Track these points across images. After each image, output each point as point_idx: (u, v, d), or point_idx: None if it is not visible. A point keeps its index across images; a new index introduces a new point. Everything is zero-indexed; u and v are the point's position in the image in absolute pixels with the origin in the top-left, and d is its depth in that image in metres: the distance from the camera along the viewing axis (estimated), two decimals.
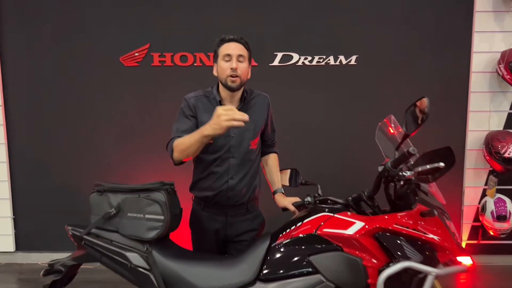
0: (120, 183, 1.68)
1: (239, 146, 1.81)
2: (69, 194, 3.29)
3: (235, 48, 1.74)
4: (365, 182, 3.08)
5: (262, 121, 1.89)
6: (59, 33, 3.17)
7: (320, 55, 3.18)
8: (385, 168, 1.48)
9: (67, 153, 3.29)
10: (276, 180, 1.99)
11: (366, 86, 3.22)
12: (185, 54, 3.17)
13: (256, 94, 1.92)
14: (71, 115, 3.25)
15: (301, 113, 3.23)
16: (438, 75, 3.21)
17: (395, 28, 3.17)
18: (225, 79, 1.73)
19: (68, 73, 3.21)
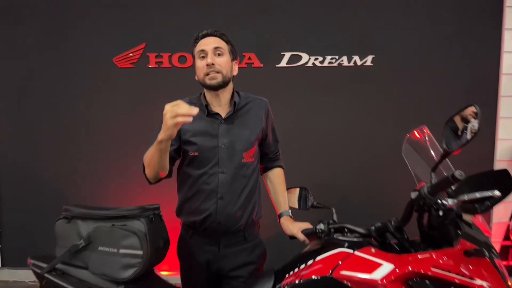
0: (94, 207, 1.41)
1: (229, 159, 1.53)
2: (59, 206, 3.02)
3: (210, 42, 1.52)
4: (386, 201, 2.77)
5: (258, 130, 1.61)
6: (47, 32, 2.91)
7: (332, 55, 2.87)
8: (420, 195, 1.17)
9: (56, 162, 3.03)
10: (282, 200, 1.68)
11: (383, 90, 2.91)
12: (184, 54, 2.89)
13: (251, 98, 1.65)
14: (60, 121, 2.99)
15: (310, 120, 2.93)
16: (464, 77, 2.89)
17: (416, 25, 2.85)
18: (202, 78, 1.52)
19: (57, 75, 2.95)
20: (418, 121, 2.89)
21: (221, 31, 1.57)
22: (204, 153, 1.52)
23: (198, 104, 1.58)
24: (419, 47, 2.87)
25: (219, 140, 1.52)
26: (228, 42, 1.57)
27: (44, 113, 2.99)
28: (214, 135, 1.53)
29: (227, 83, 1.54)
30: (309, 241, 1.52)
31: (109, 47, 2.91)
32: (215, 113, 1.56)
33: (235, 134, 1.55)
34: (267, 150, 1.71)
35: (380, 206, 2.89)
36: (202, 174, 1.53)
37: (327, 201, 1.62)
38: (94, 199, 3.00)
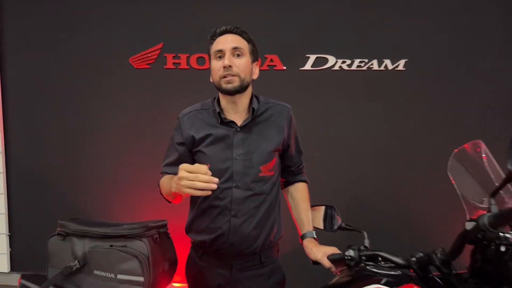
0: (93, 222, 1.25)
1: (245, 172, 1.37)
2: (70, 210, 2.92)
3: (228, 41, 1.37)
4: (424, 225, 2.52)
5: (279, 140, 1.43)
6: (61, 31, 2.81)
7: (361, 58, 2.66)
8: (477, 226, 0.96)
9: (68, 166, 2.91)
10: (306, 219, 1.49)
11: (417, 96, 2.67)
12: (202, 55, 2.73)
13: (272, 104, 1.48)
14: (73, 124, 2.87)
15: (336, 128, 2.72)
16: (507, 84, 2.63)
17: (453, 26, 2.61)
18: (218, 81, 1.37)
19: (71, 76, 2.83)
20: (457, 131, 2.69)
21: (242, 28, 1.41)
22: (217, 165, 1.35)
23: (211, 110, 1.44)
24: (455, 51, 2.62)
25: (233, 151, 1.36)
26: (249, 41, 1.41)
27: (56, 115, 2.88)
28: (228, 145, 1.37)
29: (245, 88, 1.38)
30: (336, 269, 1.32)
31: (125, 47, 2.78)
32: (230, 121, 1.40)
33: (252, 145, 1.38)
34: (289, 162, 1.53)
35: (417, 230, 2.66)
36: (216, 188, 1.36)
37: (353, 220, 1.42)
38: (104, 205, 2.88)
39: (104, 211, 2.87)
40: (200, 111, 1.46)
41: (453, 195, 2.02)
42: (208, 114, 1.44)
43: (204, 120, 1.42)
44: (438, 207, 2.66)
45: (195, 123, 1.42)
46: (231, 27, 1.39)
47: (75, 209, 2.88)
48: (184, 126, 1.43)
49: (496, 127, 2.63)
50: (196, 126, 1.41)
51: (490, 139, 2.55)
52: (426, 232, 2.67)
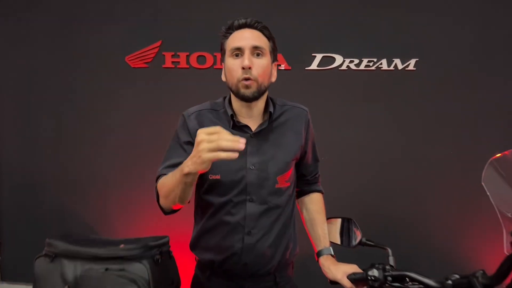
0: (86, 240, 1.11)
1: (260, 184, 1.23)
2: (63, 216, 2.78)
3: (248, 37, 1.19)
4: (432, 226, 2.37)
5: (297, 147, 1.30)
6: (54, 29, 2.66)
7: (369, 57, 2.54)
8: None
9: (62, 169, 2.77)
10: (322, 234, 1.35)
11: (428, 97, 2.55)
12: (203, 54, 2.60)
13: (289, 106, 1.34)
14: (67, 126, 2.73)
15: (343, 130, 2.59)
16: None
17: (467, 24, 2.49)
18: (235, 84, 1.19)
19: (64, 76, 2.70)
20: (471, 133, 2.57)
21: (263, 23, 1.24)
22: (229, 176, 1.21)
23: (222, 111, 1.28)
24: (469, 50, 2.50)
25: (247, 160, 1.22)
26: (270, 38, 1.25)
27: (49, 117, 2.73)
28: (242, 153, 1.21)
29: (262, 93, 1.23)
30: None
31: (121, 45, 2.64)
32: (243, 125, 1.25)
33: (268, 153, 1.24)
34: (305, 171, 1.40)
35: (429, 236, 2.55)
36: (226, 202, 1.23)
37: (366, 232, 1.29)
38: (100, 210, 2.73)
39: (99, 217, 2.73)
40: (210, 111, 1.29)
41: (466, 197, 1.88)
42: (218, 116, 1.28)
43: (215, 122, 1.26)
44: (450, 210, 2.56)
45: (204, 124, 1.25)
46: (252, 20, 1.22)
47: (68, 215, 2.75)
48: (191, 125, 1.25)
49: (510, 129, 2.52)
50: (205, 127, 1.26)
51: (505, 142, 2.49)
52: (436, 238, 2.56)
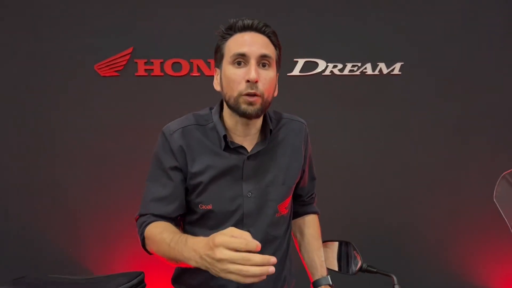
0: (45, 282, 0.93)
1: (259, 214, 1.08)
2: (25, 242, 2.53)
3: (256, 43, 1.00)
4: (417, 228, 2.27)
5: (298, 168, 1.15)
6: (17, 33, 2.43)
7: (354, 62, 2.45)
8: None
9: (23, 190, 2.50)
10: (319, 262, 1.21)
11: (414, 102, 2.48)
12: (178, 60, 2.43)
13: (285, 120, 1.18)
14: (30, 141, 2.48)
15: (329, 136, 2.48)
16: (508, 88, 2.47)
17: (453, 27, 2.44)
18: (235, 98, 1.00)
19: (28, 85, 2.45)
20: (457, 138, 2.51)
21: (271, 27, 1.05)
22: (222, 205, 1.05)
23: (209, 127, 1.09)
24: (456, 53, 2.45)
25: (243, 186, 1.06)
26: (277, 46, 1.06)
27: (11, 129, 2.48)
28: (237, 178, 1.06)
29: (265, 110, 1.05)
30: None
31: (89, 52, 2.43)
32: (238, 146, 1.07)
33: (267, 177, 1.08)
34: (301, 191, 1.27)
35: (414, 240, 2.47)
36: None
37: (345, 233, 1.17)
38: (69, 237, 2.50)
39: (69, 239, 2.50)
40: (196, 127, 1.09)
41: (457, 201, 1.77)
42: (206, 134, 1.08)
43: (202, 142, 1.07)
44: (436, 214, 2.49)
45: (190, 144, 1.07)
46: (260, 22, 1.02)
47: (34, 238, 2.50)
48: (175, 146, 1.06)
49: (496, 132, 2.48)
50: (191, 149, 1.06)
51: (494, 146, 2.45)
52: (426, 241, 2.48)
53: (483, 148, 2.49)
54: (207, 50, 2.39)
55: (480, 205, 2.41)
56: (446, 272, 2.51)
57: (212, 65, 2.41)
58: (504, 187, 1.02)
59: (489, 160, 2.46)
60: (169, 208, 1.05)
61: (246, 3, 2.42)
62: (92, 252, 2.49)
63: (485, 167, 2.45)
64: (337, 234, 1.48)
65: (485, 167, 2.45)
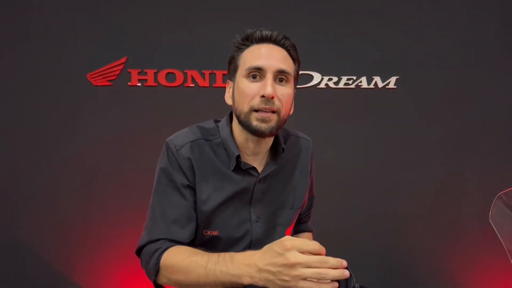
0: None
1: (266, 240, 1.00)
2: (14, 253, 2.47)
3: (274, 57, 0.94)
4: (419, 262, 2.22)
5: (305, 189, 1.11)
6: (7, 41, 2.40)
7: (349, 75, 2.43)
8: None
9: (13, 203, 2.43)
10: None
11: (409, 117, 2.46)
12: (172, 71, 2.41)
13: (293, 138, 1.14)
14: (21, 151, 2.43)
15: (323, 150, 2.44)
16: (504, 102, 2.47)
17: (448, 41, 2.44)
18: (246, 114, 0.94)
19: (18, 94, 2.41)
20: (453, 153, 2.50)
21: (291, 40, 1.00)
22: (229, 231, 0.99)
23: (216, 142, 1.00)
24: (452, 67, 2.44)
25: (251, 211, 0.99)
26: (296, 61, 1.01)
27: (1, 139, 2.44)
28: (245, 202, 0.99)
29: (280, 129, 0.99)
30: None
31: (82, 61, 2.41)
32: (250, 167, 1.00)
33: (276, 201, 1.02)
34: (300, 210, 1.23)
35: (411, 257, 2.44)
36: None
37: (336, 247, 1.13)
38: (61, 254, 2.44)
39: (61, 256, 2.44)
40: (202, 143, 1.00)
41: (452, 214, 1.73)
42: (213, 151, 0.99)
43: (212, 160, 0.99)
44: (431, 232, 2.47)
45: (198, 162, 0.98)
46: (279, 35, 0.97)
47: (23, 254, 2.44)
48: (185, 165, 0.97)
49: (493, 147, 2.47)
50: (200, 168, 0.97)
51: (488, 160, 2.44)
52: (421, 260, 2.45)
53: (479, 160, 2.47)
54: (202, 61, 2.40)
55: (476, 224, 2.39)
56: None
57: (206, 76, 2.39)
58: (499, 207, 1.00)
59: (486, 176, 2.45)
60: (186, 232, 0.94)
61: (242, 15, 2.41)
62: (81, 266, 2.43)
63: (482, 183, 2.43)
64: (330, 250, 1.45)
65: (481, 183, 2.43)
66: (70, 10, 2.38)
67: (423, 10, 2.41)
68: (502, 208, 1.00)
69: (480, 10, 2.41)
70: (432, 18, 2.42)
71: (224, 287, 0.77)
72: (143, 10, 2.40)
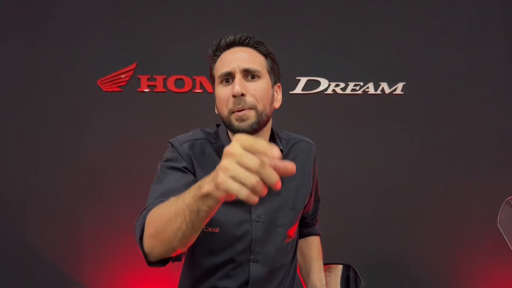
0: None
1: (267, 240, 1.02)
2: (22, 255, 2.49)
3: (238, 58, 0.97)
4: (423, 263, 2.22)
5: (307, 191, 1.12)
6: (21, 49, 2.45)
7: (356, 81, 2.45)
8: None
9: (24, 205, 2.47)
10: (318, 284, 1.19)
11: (416, 123, 2.47)
12: (181, 77, 2.44)
13: (294, 140, 1.14)
14: (32, 154, 2.47)
15: (329, 156, 2.45)
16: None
17: (455, 47, 2.45)
18: (227, 117, 0.97)
19: (31, 100, 2.46)
20: (460, 159, 2.49)
21: (256, 37, 1.03)
22: (229, 230, 0.99)
23: (217, 145, 1.03)
24: (458, 73, 2.45)
25: (252, 210, 1.00)
26: (267, 55, 1.03)
27: (13, 143, 2.47)
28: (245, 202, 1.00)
29: (265, 123, 1.01)
30: None
31: (93, 67, 2.45)
32: None
33: (277, 201, 1.04)
34: (305, 214, 1.24)
35: (420, 266, 2.43)
36: (224, 262, 1.01)
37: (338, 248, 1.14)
38: (69, 256, 2.47)
39: (69, 258, 2.47)
40: (206, 143, 1.04)
41: (459, 221, 1.70)
42: (214, 152, 1.03)
43: (213, 158, 1.01)
44: (438, 235, 2.46)
45: (198, 159, 1.00)
46: (241, 36, 1.00)
47: (33, 256, 2.47)
48: (184, 155, 1.00)
49: (500, 152, 2.46)
50: (200, 163, 1.00)
51: (496, 166, 2.43)
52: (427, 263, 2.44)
53: (484, 167, 2.46)
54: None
55: (483, 227, 2.38)
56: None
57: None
58: (507, 212, 1.00)
59: (492, 182, 2.44)
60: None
61: (249, 21, 2.44)
62: (88, 267, 2.46)
63: (488, 189, 2.42)
64: (337, 254, 1.46)
65: (488, 189, 2.43)
66: (81, 17, 2.44)
67: (430, 17, 2.43)
68: (510, 213, 1.00)
69: (486, 18, 2.42)
70: (439, 24, 2.43)
71: (192, 216, 0.69)
72: (152, 17, 2.44)
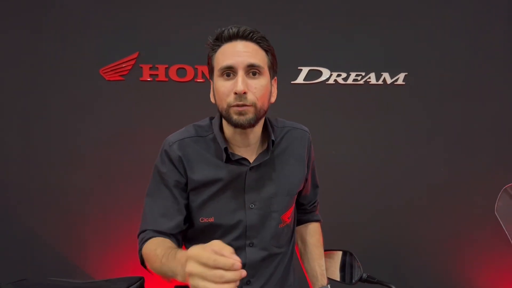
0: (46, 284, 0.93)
1: (262, 225, 1.06)
2: (28, 243, 2.53)
3: (242, 53, 0.97)
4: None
5: (301, 177, 1.15)
6: (22, 38, 2.45)
7: (357, 71, 2.45)
8: None
9: (28, 194, 2.49)
10: (319, 271, 1.21)
11: (417, 113, 2.48)
12: (183, 66, 2.45)
13: (288, 128, 1.16)
14: (35, 144, 2.49)
15: (331, 146, 2.48)
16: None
17: (456, 37, 2.44)
18: (226, 110, 0.98)
19: (33, 89, 2.46)
20: (461, 149, 2.52)
21: (259, 32, 1.01)
22: (224, 218, 1.04)
23: (210, 137, 1.07)
24: (460, 63, 2.45)
25: (245, 198, 1.04)
26: (268, 51, 1.02)
27: (17, 133, 2.49)
28: (239, 190, 1.05)
29: (260, 119, 1.03)
30: None
31: (95, 56, 2.45)
32: (240, 158, 1.05)
33: (270, 187, 1.07)
34: (303, 200, 1.26)
35: (419, 255, 2.46)
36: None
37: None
38: (72, 242, 2.50)
39: (71, 245, 2.50)
40: (196, 139, 1.07)
41: (460, 212, 1.73)
42: (206, 146, 1.06)
43: (203, 154, 1.05)
44: (437, 225, 2.49)
45: (190, 157, 1.05)
46: (246, 30, 0.98)
47: (37, 244, 2.50)
48: (175, 159, 1.05)
49: (499, 144, 2.47)
50: (191, 161, 1.05)
51: (498, 156, 2.45)
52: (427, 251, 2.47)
53: (485, 158, 2.48)
54: None
55: (481, 216, 2.40)
56: (446, 283, 2.49)
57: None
58: (505, 200, 1.02)
59: (492, 170, 2.45)
60: (171, 224, 1.02)
61: (252, 11, 2.44)
62: (93, 256, 2.49)
63: (488, 178, 2.44)
64: (337, 242, 1.48)
65: (487, 177, 2.44)
66: (83, 6, 2.43)
67: (432, 7, 2.42)
68: (508, 200, 1.02)
69: (489, 8, 2.41)
70: (441, 15, 2.43)
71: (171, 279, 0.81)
72: (154, 6, 2.44)
